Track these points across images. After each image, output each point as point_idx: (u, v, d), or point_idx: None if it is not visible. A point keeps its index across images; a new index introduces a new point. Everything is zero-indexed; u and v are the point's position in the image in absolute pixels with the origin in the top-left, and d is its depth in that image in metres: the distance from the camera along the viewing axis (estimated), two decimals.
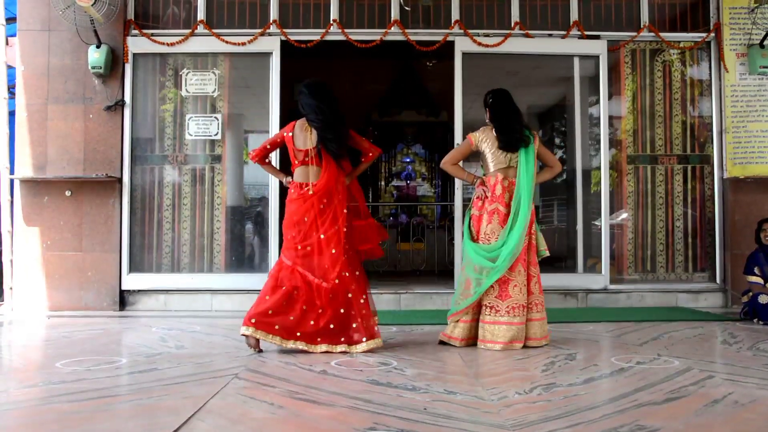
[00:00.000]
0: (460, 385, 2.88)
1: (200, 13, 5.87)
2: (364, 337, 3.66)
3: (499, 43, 5.91)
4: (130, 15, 5.84)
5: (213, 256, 5.89)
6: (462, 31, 5.93)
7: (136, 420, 2.31)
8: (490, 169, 3.98)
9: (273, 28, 5.87)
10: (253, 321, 3.61)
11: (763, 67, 5.86)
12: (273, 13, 5.89)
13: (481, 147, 3.99)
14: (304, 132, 3.88)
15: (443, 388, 2.77)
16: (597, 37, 6.05)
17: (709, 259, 6.09)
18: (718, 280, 6.02)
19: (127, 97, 5.77)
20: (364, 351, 3.64)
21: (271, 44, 5.87)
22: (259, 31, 5.85)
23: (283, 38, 5.86)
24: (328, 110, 3.84)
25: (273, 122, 5.80)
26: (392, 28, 5.91)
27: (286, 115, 5.83)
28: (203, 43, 5.88)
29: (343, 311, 3.69)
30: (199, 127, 5.90)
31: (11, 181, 5.65)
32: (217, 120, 5.91)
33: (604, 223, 5.94)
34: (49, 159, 5.65)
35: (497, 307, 3.77)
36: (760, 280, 5.00)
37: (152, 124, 5.94)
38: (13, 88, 5.90)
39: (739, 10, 5.98)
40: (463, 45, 5.93)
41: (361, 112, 10.87)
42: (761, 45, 5.87)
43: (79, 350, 3.74)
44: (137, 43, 5.81)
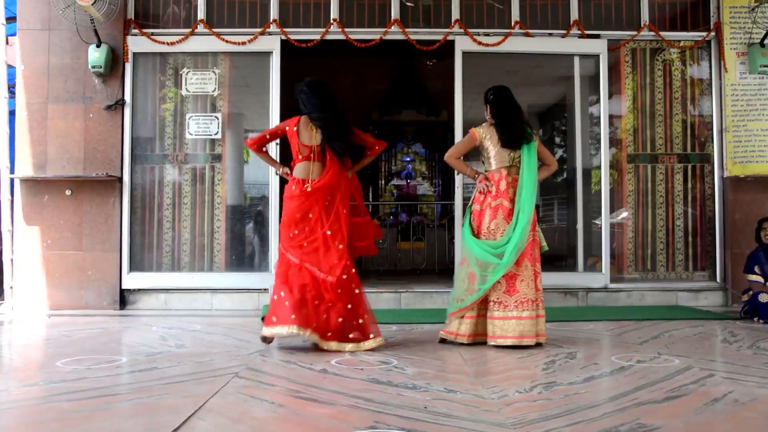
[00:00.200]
0: (461, 383, 2.88)
1: (200, 13, 5.87)
2: (371, 333, 3.71)
3: (499, 43, 5.91)
4: (130, 14, 5.84)
5: (213, 256, 5.90)
6: (462, 31, 5.92)
7: (136, 419, 2.31)
8: (493, 166, 3.99)
9: (273, 28, 5.87)
10: (274, 320, 3.68)
11: (764, 66, 5.85)
12: (273, 13, 5.89)
13: (485, 143, 4.00)
14: (309, 130, 3.90)
15: (443, 387, 2.77)
16: (597, 37, 6.05)
17: (709, 258, 6.09)
18: (718, 279, 6.02)
19: (128, 97, 5.77)
20: (371, 348, 3.66)
21: (271, 43, 5.87)
22: (259, 30, 5.85)
23: (283, 37, 5.86)
24: (330, 109, 3.89)
25: (273, 121, 5.79)
26: (392, 28, 5.91)
27: (286, 114, 5.79)
28: (203, 43, 5.88)
29: (351, 307, 3.72)
30: (200, 127, 5.90)
31: (11, 180, 5.65)
32: (218, 119, 5.91)
33: (605, 221, 5.94)
34: (50, 158, 5.65)
35: (505, 302, 3.77)
36: (761, 279, 5.00)
37: (152, 124, 5.94)
38: (14, 87, 5.90)
39: (740, 9, 5.98)
40: (463, 44, 5.93)
41: (362, 111, 10.87)
42: (761, 44, 5.87)
43: (79, 349, 3.74)
44: (137, 43, 5.81)
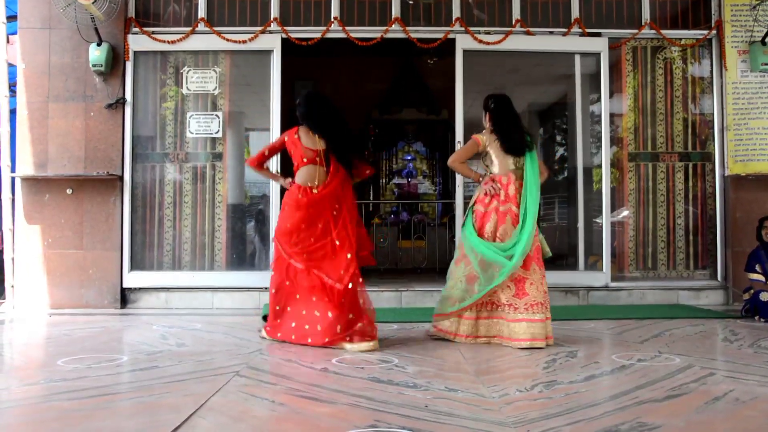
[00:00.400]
0: (461, 382, 2.88)
1: (201, 11, 5.87)
2: (367, 336, 3.70)
3: (500, 41, 5.91)
4: (131, 13, 5.83)
5: (214, 254, 5.90)
6: (463, 29, 5.92)
7: (137, 417, 2.31)
8: (497, 171, 4.01)
9: (274, 26, 5.87)
10: (279, 335, 3.89)
11: (765, 65, 5.84)
12: (274, 11, 5.88)
13: (488, 150, 4.03)
14: (311, 136, 3.95)
15: (444, 386, 2.77)
16: (598, 35, 6.04)
17: (710, 257, 6.09)
18: (719, 278, 6.01)
19: (128, 95, 5.77)
20: (364, 350, 3.65)
21: (271, 42, 5.86)
22: (259, 28, 5.85)
23: (284, 36, 5.86)
24: (330, 120, 3.95)
25: (274, 120, 5.80)
26: (393, 26, 5.90)
27: (286, 112, 5.83)
28: (204, 41, 5.88)
29: (352, 317, 3.73)
30: (200, 125, 5.90)
31: (12, 179, 5.66)
32: (218, 118, 5.90)
33: (605, 220, 5.94)
34: (50, 157, 5.66)
35: (515, 305, 3.78)
36: (762, 278, 5.00)
37: (153, 122, 5.94)
38: (14, 86, 5.90)
39: (741, 7, 5.96)
40: (464, 42, 5.92)
41: (362, 109, 10.87)
42: (763, 42, 5.86)
43: (80, 348, 3.75)
44: (138, 41, 5.81)
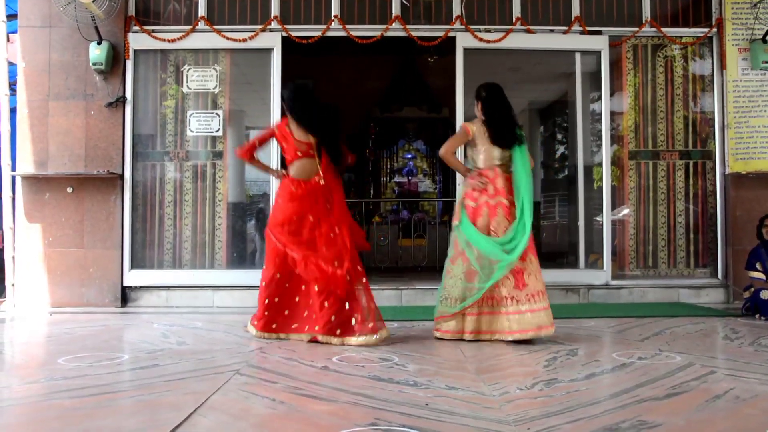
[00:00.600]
0: (462, 380, 2.87)
1: (201, 9, 5.86)
2: (358, 332, 3.74)
3: (500, 39, 5.90)
4: (131, 11, 5.83)
5: (214, 253, 5.90)
6: (463, 27, 5.91)
7: (137, 416, 2.31)
8: (481, 164, 4.02)
9: (274, 24, 5.86)
10: (275, 326, 3.94)
11: (766, 62, 5.84)
12: (274, 9, 5.88)
13: (476, 140, 4.01)
14: (301, 128, 3.93)
15: (445, 384, 2.77)
16: (599, 33, 6.03)
17: (710, 255, 6.09)
18: (719, 276, 6.01)
19: (128, 94, 5.77)
20: (358, 345, 3.69)
21: (272, 40, 5.86)
22: (260, 27, 5.85)
23: (284, 34, 5.85)
24: (316, 112, 3.95)
25: (274, 118, 5.78)
26: (393, 24, 5.90)
27: None
28: (204, 40, 5.88)
29: (348, 307, 3.76)
30: (201, 124, 5.90)
31: (13, 178, 5.66)
32: (219, 116, 5.90)
33: (606, 218, 5.93)
34: (51, 156, 5.66)
35: (517, 297, 3.79)
36: (762, 276, 5.00)
37: (153, 121, 5.94)
38: (14, 84, 5.90)
39: (742, 5, 5.96)
40: (464, 41, 5.92)
41: (363, 108, 10.87)
42: (764, 40, 5.85)
43: (80, 346, 3.75)
44: (138, 40, 5.81)
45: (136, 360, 3.37)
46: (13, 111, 5.80)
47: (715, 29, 6.03)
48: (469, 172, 4.04)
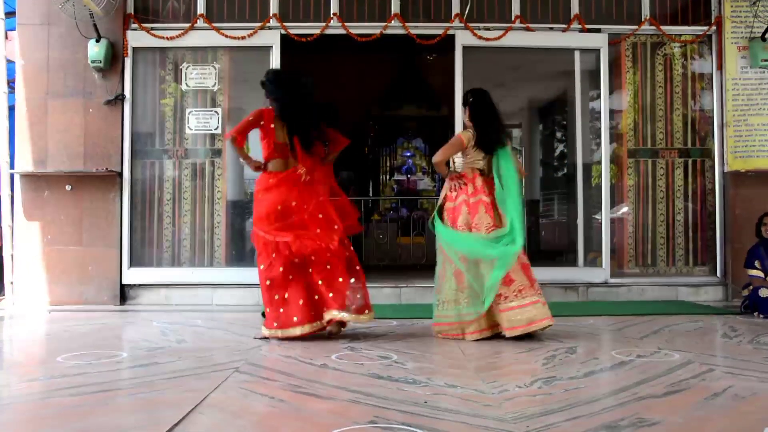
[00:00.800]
0: (461, 378, 2.88)
1: (200, 7, 5.86)
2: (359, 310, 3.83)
3: (499, 37, 5.90)
4: (130, 9, 5.82)
5: (213, 251, 5.90)
6: (462, 25, 5.91)
7: (137, 414, 2.31)
8: (460, 167, 4.08)
9: (273, 22, 5.86)
10: (296, 319, 3.81)
11: (765, 61, 5.83)
12: (273, 7, 5.87)
13: (468, 147, 4.05)
14: (282, 127, 3.95)
15: (444, 382, 2.77)
16: (598, 31, 6.03)
17: (709, 253, 6.09)
18: (718, 274, 6.01)
19: (127, 92, 5.76)
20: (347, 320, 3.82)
21: (271, 38, 5.85)
22: (259, 24, 5.84)
23: (283, 32, 5.85)
24: (294, 100, 3.91)
25: None
26: (392, 22, 5.89)
27: None
28: (203, 37, 5.87)
29: (342, 280, 3.83)
30: (199, 122, 5.89)
31: (11, 176, 5.65)
32: (217, 114, 5.90)
33: (605, 217, 5.94)
34: (49, 153, 5.65)
35: (505, 294, 3.81)
36: (761, 274, 5.00)
37: (152, 119, 5.93)
38: (13, 82, 5.90)
39: (741, 3, 5.96)
40: (463, 39, 5.91)
41: (362, 106, 10.85)
42: (763, 38, 5.85)
43: (80, 344, 3.75)
44: (137, 37, 5.80)
45: (135, 358, 3.37)
46: (12, 109, 5.80)
47: (714, 27, 6.03)
48: (449, 174, 4.10)
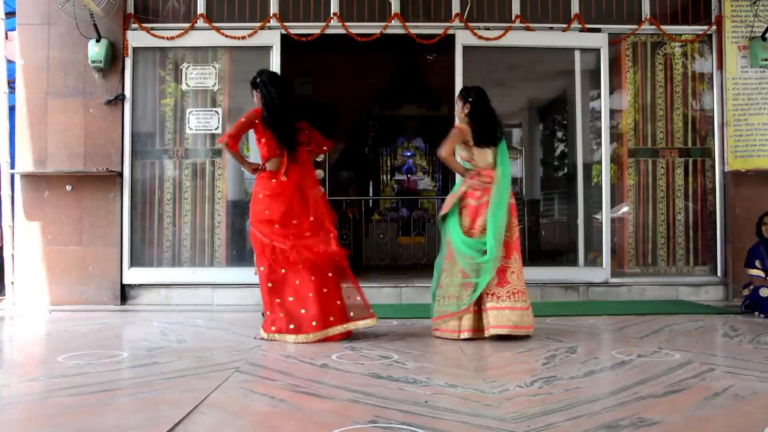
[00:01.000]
0: (461, 378, 2.88)
1: (200, 7, 5.85)
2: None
3: (499, 36, 5.89)
4: (130, 9, 5.82)
5: (214, 251, 5.90)
6: (462, 24, 5.91)
7: (137, 414, 2.31)
8: (480, 164, 4.07)
9: (273, 22, 5.86)
10: (291, 327, 3.81)
11: (765, 60, 5.83)
12: (273, 7, 5.87)
13: (470, 140, 4.08)
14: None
15: (444, 381, 2.77)
16: (598, 30, 6.03)
17: (710, 253, 6.09)
18: (719, 274, 6.01)
19: (127, 91, 5.76)
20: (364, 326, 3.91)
21: (271, 38, 5.85)
22: (259, 24, 5.84)
23: (284, 32, 5.85)
24: (280, 104, 3.92)
25: None
26: (392, 22, 5.89)
27: None
28: (203, 37, 5.87)
29: (340, 287, 3.92)
30: (200, 121, 5.89)
31: (12, 176, 5.65)
32: (218, 114, 5.90)
33: (605, 216, 5.94)
34: (50, 153, 5.65)
35: (498, 293, 3.85)
36: (761, 273, 5.00)
37: (152, 119, 5.93)
38: (13, 82, 5.90)
39: (741, 2, 5.95)
40: (463, 38, 5.91)
41: (362, 106, 10.85)
42: (763, 38, 5.84)
43: (80, 344, 3.75)
44: (137, 37, 5.80)
45: (135, 358, 3.37)
46: (12, 109, 5.80)
47: (714, 27, 6.03)
48: (467, 172, 4.08)
